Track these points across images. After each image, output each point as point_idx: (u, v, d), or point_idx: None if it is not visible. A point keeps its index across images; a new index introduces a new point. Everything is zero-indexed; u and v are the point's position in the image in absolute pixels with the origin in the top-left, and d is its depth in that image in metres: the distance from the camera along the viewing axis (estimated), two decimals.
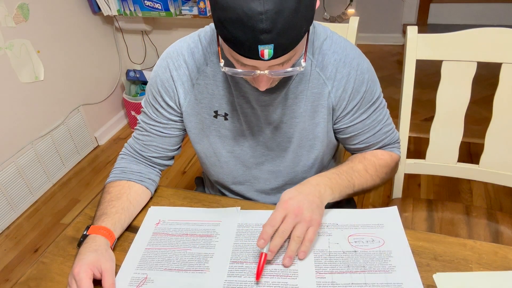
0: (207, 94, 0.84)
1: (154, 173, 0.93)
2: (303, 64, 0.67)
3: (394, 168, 0.93)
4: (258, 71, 0.64)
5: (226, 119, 0.85)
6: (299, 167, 0.91)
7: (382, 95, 0.86)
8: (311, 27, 0.78)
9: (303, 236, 0.70)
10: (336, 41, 0.80)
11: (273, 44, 0.58)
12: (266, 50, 0.59)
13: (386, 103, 0.88)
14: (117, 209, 0.81)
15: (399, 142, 0.94)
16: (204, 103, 0.84)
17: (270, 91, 0.79)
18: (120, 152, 0.94)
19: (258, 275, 0.67)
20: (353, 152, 0.93)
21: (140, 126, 0.91)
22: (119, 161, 0.92)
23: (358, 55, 0.81)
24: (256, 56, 0.60)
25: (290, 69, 0.66)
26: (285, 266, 0.70)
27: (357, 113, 0.83)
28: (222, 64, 0.68)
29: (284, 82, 0.79)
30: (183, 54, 0.83)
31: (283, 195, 0.73)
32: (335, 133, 0.89)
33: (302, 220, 0.70)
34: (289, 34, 0.59)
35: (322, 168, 0.95)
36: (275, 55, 0.60)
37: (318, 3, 0.65)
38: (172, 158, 0.96)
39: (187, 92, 0.84)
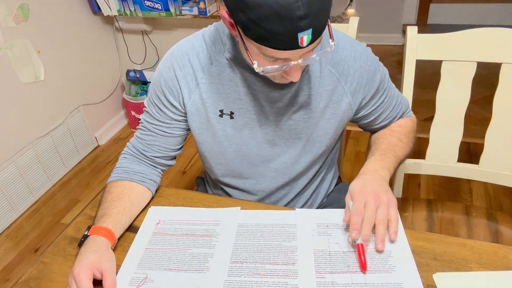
0: (212, 93, 0.84)
1: (156, 174, 0.93)
2: (332, 43, 0.68)
3: (416, 129, 0.98)
4: (292, 62, 0.65)
5: (232, 117, 0.85)
6: (306, 163, 0.91)
7: (387, 72, 0.91)
8: None
9: (387, 217, 0.72)
10: (342, 38, 0.82)
11: (311, 29, 0.59)
12: (305, 36, 0.60)
13: None
14: (118, 210, 0.81)
15: (408, 105, 0.98)
16: (209, 103, 0.85)
17: (281, 87, 0.80)
18: (122, 152, 0.94)
19: (365, 266, 0.68)
20: (376, 131, 0.97)
21: (143, 126, 0.91)
22: (121, 160, 0.92)
23: (364, 48, 0.84)
24: (295, 45, 0.61)
25: (320, 52, 0.67)
26: (379, 251, 0.71)
27: (376, 97, 0.87)
28: (255, 65, 0.67)
29: None
30: (188, 53, 0.83)
31: (353, 187, 0.76)
32: (357, 120, 0.93)
33: (382, 203, 0.72)
34: (323, 15, 0.60)
35: (326, 158, 0.98)
36: (312, 40, 0.62)
37: None
38: (174, 158, 0.96)
39: (191, 92, 0.84)
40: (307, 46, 0.62)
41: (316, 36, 0.62)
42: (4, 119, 1.87)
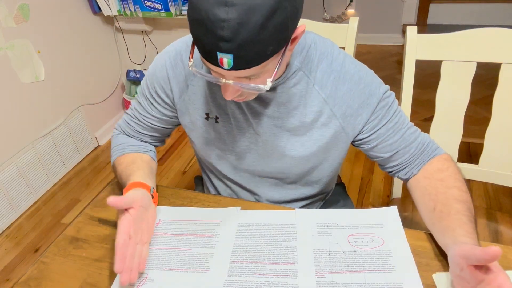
0: (200, 95, 0.84)
1: (152, 147, 0.97)
2: (269, 83, 0.63)
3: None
4: (224, 80, 0.63)
5: (217, 122, 0.85)
6: (294, 177, 0.90)
7: (395, 99, 0.82)
8: (310, 43, 0.77)
9: None
10: (336, 58, 0.78)
11: (232, 55, 0.57)
12: (225, 59, 0.58)
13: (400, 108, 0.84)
14: (137, 166, 0.85)
15: (433, 142, 0.85)
16: (196, 104, 0.85)
17: (258, 98, 0.79)
18: (113, 133, 0.97)
19: None
20: (396, 170, 0.86)
21: (132, 113, 0.93)
22: (116, 138, 0.95)
23: (358, 70, 0.79)
24: (216, 62, 0.59)
25: (252, 85, 0.63)
26: None
27: (374, 120, 0.80)
28: (190, 63, 0.67)
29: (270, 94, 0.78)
30: (181, 53, 0.83)
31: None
32: (359, 146, 0.86)
33: None
34: (251, 49, 0.57)
35: (325, 171, 0.91)
36: (236, 67, 0.59)
37: (302, 29, 0.63)
38: (163, 140, 1.00)
39: (181, 92, 0.85)
40: (229, 70, 0.59)
41: (240, 65, 0.59)
42: (4, 119, 1.87)
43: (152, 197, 0.81)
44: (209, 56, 0.59)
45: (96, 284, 0.72)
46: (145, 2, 2.09)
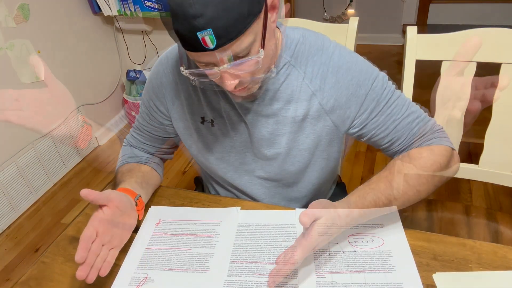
0: (193, 100, 0.84)
1: (157, 159, 0.97)
2: (261, 51, 0.62)
3: (445, 163, 0.77)
4: (217, 68, 0.63)
5: (212, 125, 0.85)
6: (292, 174, 0.89)
7: (390, 86, 0.80)
8: (299, 37, 0.77)
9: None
10: (326, 51, 0.77)
11: (211, 29, 0.56)
12: (207, 37, 0.57)
13: (400, 94, 0.81)
14: (131, 175, 0.86)
15: (439, 131, 0.81)
16: (190, 109, 0.85)
17: (252, 97, 0.79)
18: (123, 144, 0.99)
19: None
20: (390, 155, 0.85)
21: (135, 125, 0.96)
22: (122, 149, 0.97)
23: (347, 61, 0.77)
24: (199, 46, 0.59)
25: (245, 59, 0.62)
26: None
27: (363, 114, 0.79)
28: (183, 68, 0.67)
29: (263, 85, 0.77)
30: (173, 60, 0.83)
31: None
32: (357, 139, 0.85)
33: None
34: (227, 16, 0.56)
35: (322, 168, 0.91)
36: (220, 42, 0.58)
37: None
38: (171, 153, 1.00)
39: (174, 98, 0.85)
40: (215, 48, 0.58)
41: (222, 38, 0.57)
42: None
43: (136, 205, 0.79)
44: (191, 43, 0.59)
45: (96, 284, 0.72)
46: (145, 2, 2.09)
